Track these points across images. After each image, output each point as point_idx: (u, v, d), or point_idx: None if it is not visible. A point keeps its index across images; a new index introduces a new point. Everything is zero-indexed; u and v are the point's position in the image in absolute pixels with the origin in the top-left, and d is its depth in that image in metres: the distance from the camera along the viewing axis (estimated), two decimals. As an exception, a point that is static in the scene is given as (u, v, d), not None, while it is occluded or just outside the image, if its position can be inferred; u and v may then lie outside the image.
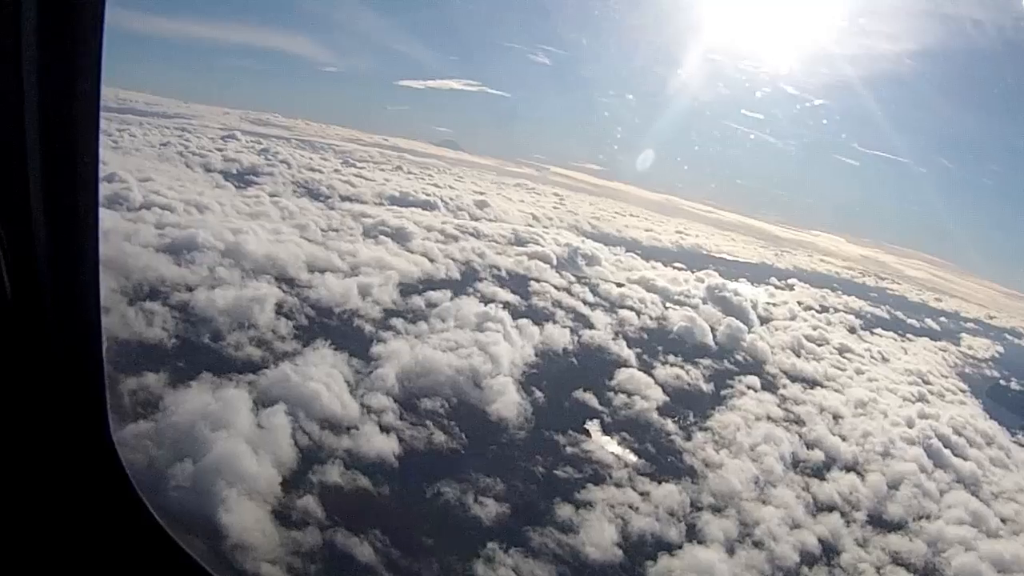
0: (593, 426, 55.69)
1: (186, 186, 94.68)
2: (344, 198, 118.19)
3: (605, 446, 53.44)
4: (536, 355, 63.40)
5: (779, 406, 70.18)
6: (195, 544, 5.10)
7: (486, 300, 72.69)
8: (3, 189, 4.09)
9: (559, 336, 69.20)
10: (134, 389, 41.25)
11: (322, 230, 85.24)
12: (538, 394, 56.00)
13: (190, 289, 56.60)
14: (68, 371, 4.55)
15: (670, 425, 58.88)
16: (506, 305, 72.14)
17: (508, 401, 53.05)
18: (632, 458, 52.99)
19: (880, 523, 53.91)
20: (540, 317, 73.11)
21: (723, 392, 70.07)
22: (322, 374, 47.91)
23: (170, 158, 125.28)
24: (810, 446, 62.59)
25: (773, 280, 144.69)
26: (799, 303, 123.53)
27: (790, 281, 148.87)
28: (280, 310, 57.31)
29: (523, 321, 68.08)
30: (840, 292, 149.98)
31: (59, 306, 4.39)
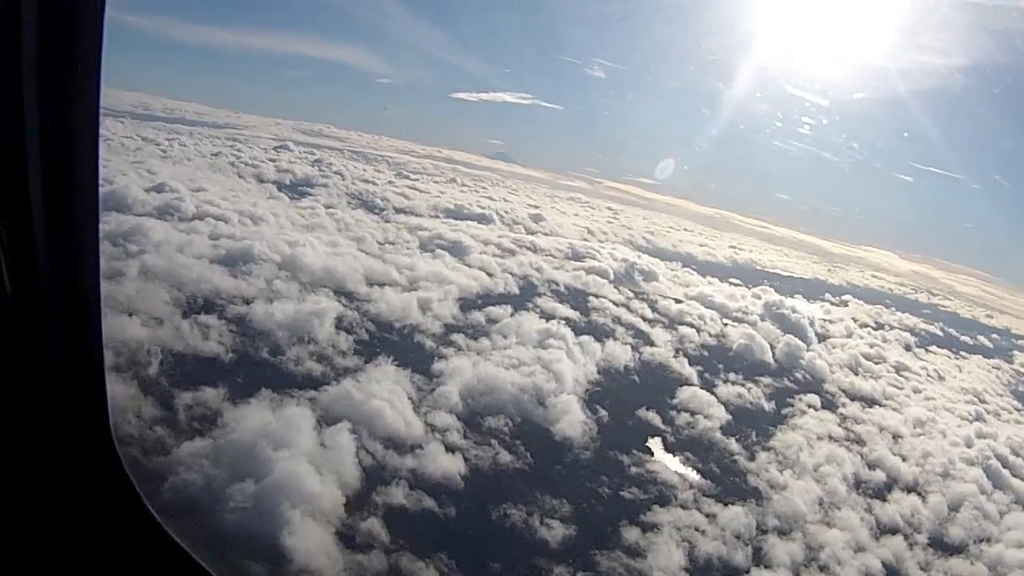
0: (656, 445, 54.94)
1: (239, 196, 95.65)
2: (399, 210, 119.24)
3: (669, 465, 52.67)
4: (599, 372, 62.77)
5: (839, 425, 69.48)
6: (194, 544, 5.14)
7: (546, 316, 72.47)
8: (3, 189, 4.20)
9: (620, 353, 68.50)
10: (190, 404, 41.16)
11: (379, 243, 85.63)
12: (602, 412, 55.34)
13: (247, 302, 56.42)
14: (68, 371, 4.64)
15: (733, 445, 58.30)
16: (567, 321, 71.98)
17: (573, 420, 52.32)
18: (696, 478, 52.22)
19: (942, 546, 52.91)
20: (601, 334, 72.53)
21: (784, 411, 69.29)
22: (385, 391, 47.31)
23: (222, 168, 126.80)
24: (871, 466, 61.78)
25: (828, 296, 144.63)
26: (854, 320, 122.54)
27: (844, 297, 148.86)
28: (340, 324, 56.95)
29: (585, 338, 67.47)
30: (894, 309, 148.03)
31: (59, 306, 4.49)
